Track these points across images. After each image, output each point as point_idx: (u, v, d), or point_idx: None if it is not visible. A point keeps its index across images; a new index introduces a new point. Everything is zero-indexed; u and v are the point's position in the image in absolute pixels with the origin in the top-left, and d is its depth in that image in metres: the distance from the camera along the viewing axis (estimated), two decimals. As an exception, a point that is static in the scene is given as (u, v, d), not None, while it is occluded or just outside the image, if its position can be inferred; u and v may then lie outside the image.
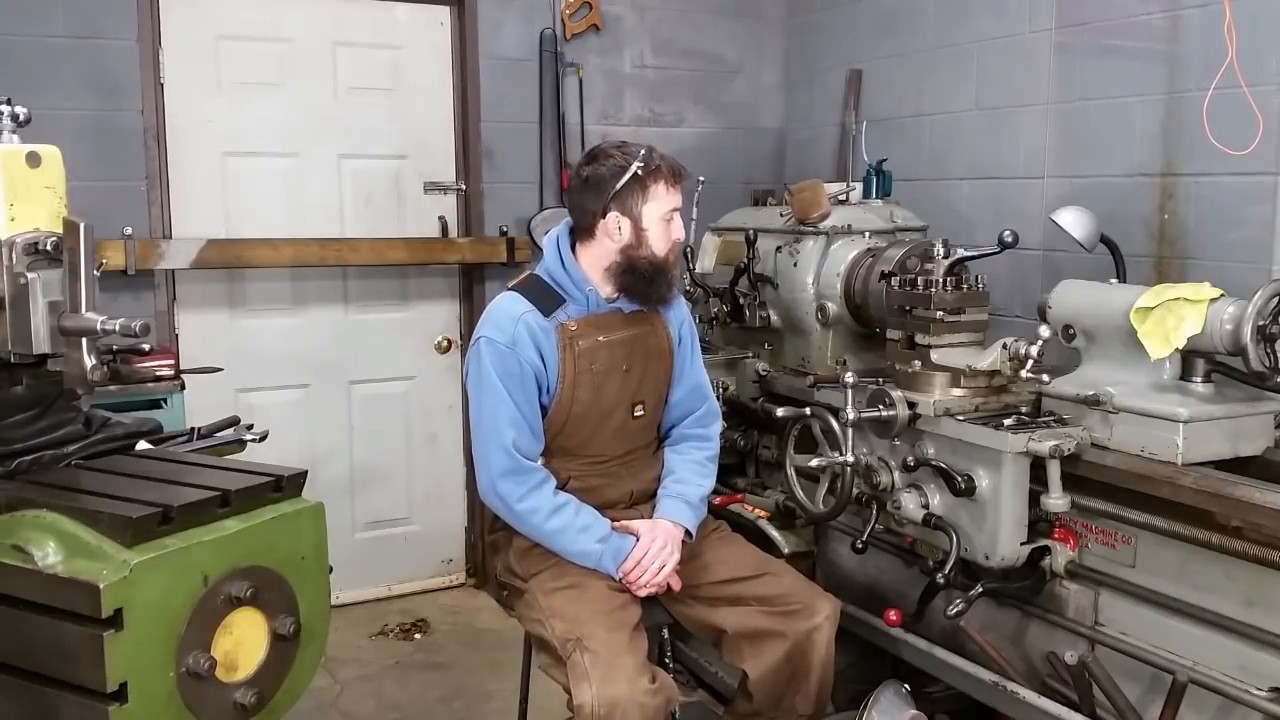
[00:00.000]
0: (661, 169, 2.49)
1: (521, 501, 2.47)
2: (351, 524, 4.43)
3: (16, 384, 1.98)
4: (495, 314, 2.53)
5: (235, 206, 4.10)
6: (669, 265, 2.55)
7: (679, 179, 2.53)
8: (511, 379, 2.45)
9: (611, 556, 2.49)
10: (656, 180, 2.48)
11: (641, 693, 2.27)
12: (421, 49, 4.38)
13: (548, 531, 2.48)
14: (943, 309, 2.72)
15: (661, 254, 2.52)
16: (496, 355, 2.46)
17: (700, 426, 2.74)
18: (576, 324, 2.53)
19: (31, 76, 3.63)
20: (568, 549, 2.49)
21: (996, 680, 2.61)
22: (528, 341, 2.47)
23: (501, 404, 2.45)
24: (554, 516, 2.48)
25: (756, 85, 4.89)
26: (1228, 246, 3.06)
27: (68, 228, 1.84)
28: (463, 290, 4.55)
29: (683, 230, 2.58)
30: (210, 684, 1.77)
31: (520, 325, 2.47)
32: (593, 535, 2.49)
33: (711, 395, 2.80)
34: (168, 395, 3.54)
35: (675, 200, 2.53)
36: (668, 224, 2.52)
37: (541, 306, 2.50)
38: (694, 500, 2.62)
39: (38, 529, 1.74)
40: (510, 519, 2.52)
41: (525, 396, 2.47)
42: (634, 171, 2.46)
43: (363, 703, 3.68)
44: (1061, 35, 3.55)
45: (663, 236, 2.51)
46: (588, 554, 2.49)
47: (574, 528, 2.48)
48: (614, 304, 2.57)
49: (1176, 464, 2.38)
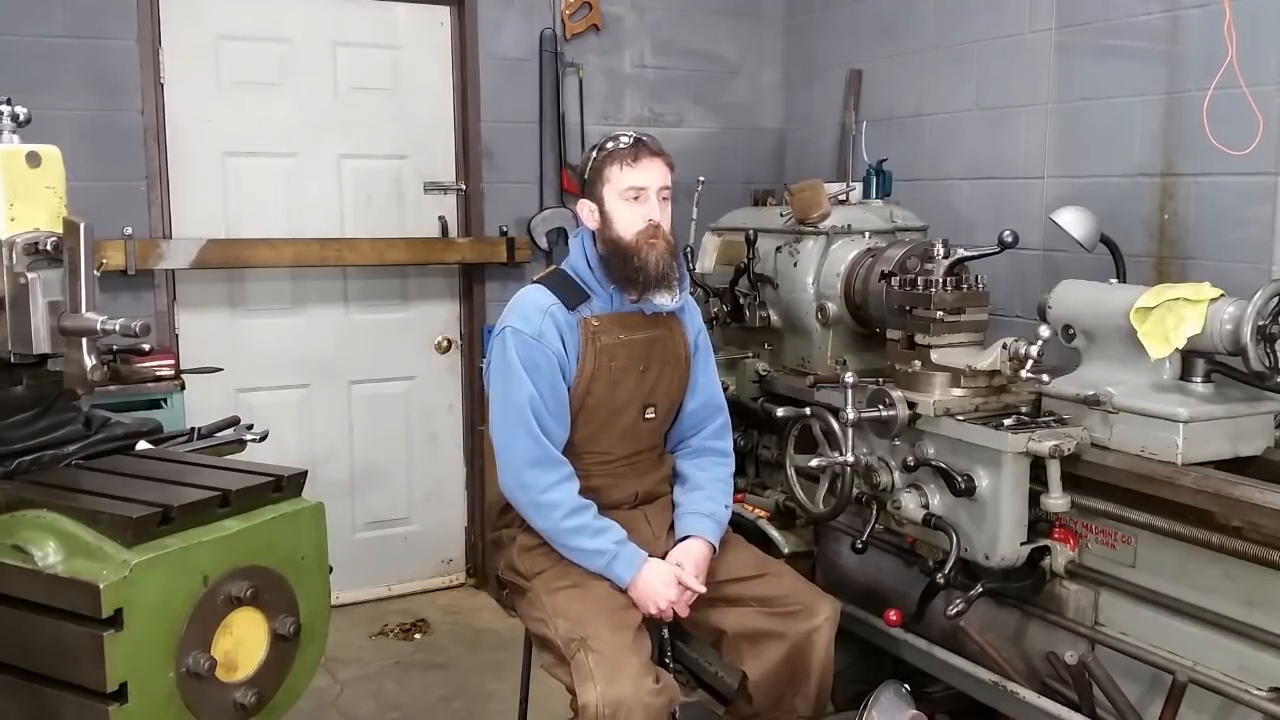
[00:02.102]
0: (615, 150, 2.48)
1: (547, 493, 2.45)
2: (351, 524, 4.43)
3: (16, 384, 1.98)
4: (521, 305, 2.53)
5: (235, 206, 4.10)
6: (637, 248, 2.47)
7: (637, 157, 2.47)
8: (537, 369, 2.45)
9: (625, 562, 2.47)
10: (612, 161, 2.48)
11: (646, 693, 2.27)
12: (421, 49, 4.38)
13: (565, 528, 2.46)
14: (943, 309, 2.72)
15: (628, 236, 2.47)
16: (523, 345, 2.46)
17: (720, 439, 2.75)
18: (599, 320, 2.53)
19: (31, 76, 3.63)
20: (583, 546, 2.47)
21: (996, 680, 2.61)
22: (553, 332, 2.47)
23: (528, 393, 2.44)
24: (575, 515, 2.46)
25: (756, 85, 4.89)
26: (1228, 246, 3.06)
27: (68, 228, 1.84)
28: (463, 290, 4.55)
29: (657, 211, 2.48)
30: (210, 684, 1.77)
31: (546, 317, 2.48)
32: (609, 537, 2.48)
33: (725, 407, 2.79)
34: (168, 395, 3.54)
35: (636, 178, 2.47)
36: (632, 203, 2.47)
37: (566, 300, 2.51)
38: (722, 521, 2.63)
39: (38, 529, 1.74)
40: (530, 511, 2.49)
41: (550, 387, 2.47)
42: (592, 158, 2.51)
43: (363, 703, 3.68)
44: (1061, 35, 3.55)
45: (627, 217, 2.48)
46: (602, 552, 2.46)
47: (591, 528, 2.47)
48: (636, 304, 2.56)
49: (1176, 464, 2.38)
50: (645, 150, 2.49)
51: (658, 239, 2.49)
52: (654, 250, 2.48)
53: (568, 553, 2.50)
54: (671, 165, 2.55)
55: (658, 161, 2.50)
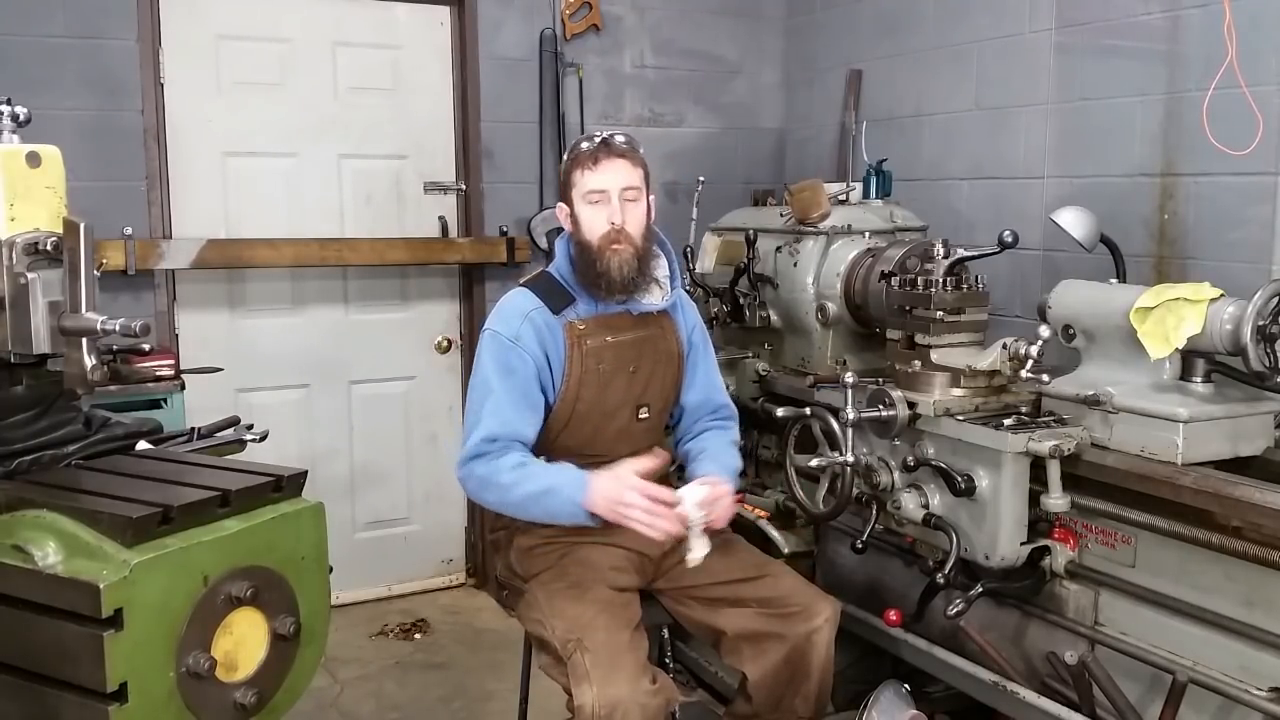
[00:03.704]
0: (579, 154, 2.49)
1: (484, 467, 2.40)
2: (351, 524, 4.43)
3: (16, 384, 1.98)
4: (504, 308, 2.54)
5: (235, 206, 4.10)
6: (600, 252, 2.46)
7: (597, 160, 2.46)
8: (511, 372, 2.45)
9: (572, 483, 2.35)
10: (576, 166, 2.50)
11: (642, 693, 2.27)
12: (421, 49, 4.38)
13: (507, 483, 2.38)
14: (943, 309, 2.72)
15: (593, 239, 2.47)
16: (498, 348, 2.47)
17: (722, 419, 2.75)
18: (585, 323, 2.53)
19: (31, 76, 3.63)
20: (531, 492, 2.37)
21: (996, 680, 2.61)
22: (532, 338, 2.47)
23: (489, 396, 2.44)
24: (514, 470, 2.39)
25: (756, 85, 4.89)
26: (1228, 246, 3.06)
27: (68, 228, 1.84)
28: (463, 290, 4.55)
29: (619, 213, 2.45)
30: (210, 684, 1.77)
31: (526, 322, 2.47)
32: (549, 473, 2.40)
33: (729, 399, 2.78)
34: (168, 395, 3.54)
35: (596, 181, 2.46)
36: (594, 205, 2.47)
37: (551, 304, 2.51)
38: (733, 473, 2.61)
39: (38, 529, 1.74)
40: (481, 495, 2.45)
41: (523, 389, 2.46)
42: (564, 161, 2.55)
43: (363, 703, 3.68)
44: (1061, 35, 3.55)
45: (591, 220, 2.48)
46: (546, 490, 2.36)
47: (532, 475, 2.39)
48: (623, 305, 2.56)
49: (1176, 464, 2.38)
50: (606, 151, 2.47)
51: (621, 243, 2.46)
52: (616, 255, 2.46)
53: (521, 511, 2.43)
54: (640, 163, 2.52)
55: (619, 162, 2.48)
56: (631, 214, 2.49)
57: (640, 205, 2.52)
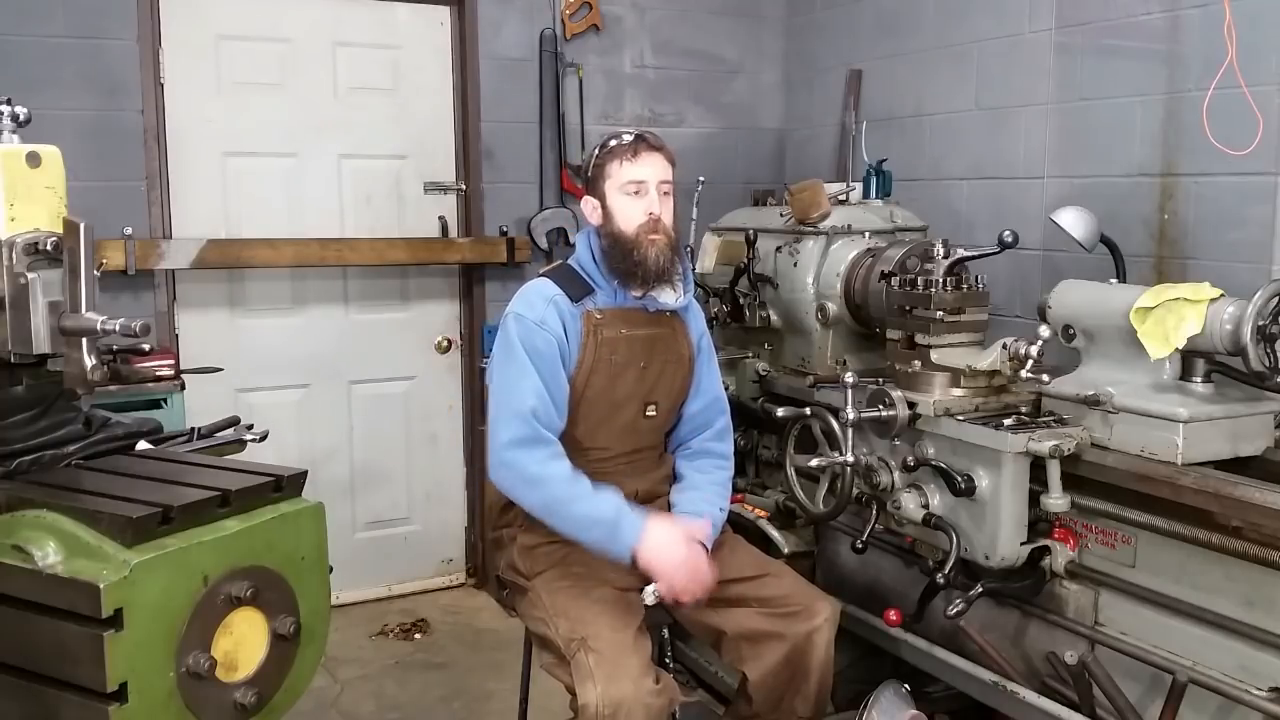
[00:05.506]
0: (617, 146, 2.52)
1: (537, 467, 2.41)
2: (351, 524, 4.43)
3: (16, 384, 1.97)
4: (528, 294, 2.56)
5: (235, 206, 4.10)
6: (638, 242, 2.49)
7: (636, 152, 2.51)
8: (539, 355, 2.46)
9: (630, 526, 2.39)
10: (613, 157, 2.52)
11: (646, 693, 2.27)
12: (421, 49, 4.38)
13: (562, 497, 2.40)
14: (943, 309, 2.72)
15: (629, 230, 2.50)
16: (525, 330, 2.47)
17: (720, 442, 2.74)
18: (603, 314, 2.55)
19: (31, 76, 3.63)
20: (586, 515, 2.40)
21: (996, 680, 2.61)
22: (556, 320, 2.49)
23: (526, 376, 2.44)
24: (571, 484, 2.41)
25: (756, 85, 4.89)
26: (1228, 246, 3.06)
27: (68, 228, 1.83)
28: (463, 290, 4.55)
29: (657, 204, 2.50)
30: (210, 684, 1.77)
31: (550, 305, 2.50)
32: (610, 504, 2.42)
33: (728, 411, 2.79)
34: (168, 395, 3.55)
35: (636, 172, 2.50)
36: (632, 196, 2.51)
37: (571, 293, 2.53)
38: (718, 522, 2.62)
39: (38, 529, 1.74)
40: (522, 490, 2.44)
41: (551, 373, 2.47)
42: (595, 155, 2.56)
43: (363, 703, 3.68)
44: (1061, 35, 3.55)
45: (628, 211, 2.51)
46: (601, 520, 2.39)
47: (589, 495, 2.42)
48: (640, 301, 2.58)
49: (1176, 464, 2.38)
50: (645, 145, 2.53)
51: (658, 233, 2.51)
52: (654, 245, 2.50)
53: (570, 524, 2.43)
54: (672, 160, 2.57)
55: (657, 156, 2.53)
56: (665, 208, 2.54)
57: (670, 201, 2.57)
